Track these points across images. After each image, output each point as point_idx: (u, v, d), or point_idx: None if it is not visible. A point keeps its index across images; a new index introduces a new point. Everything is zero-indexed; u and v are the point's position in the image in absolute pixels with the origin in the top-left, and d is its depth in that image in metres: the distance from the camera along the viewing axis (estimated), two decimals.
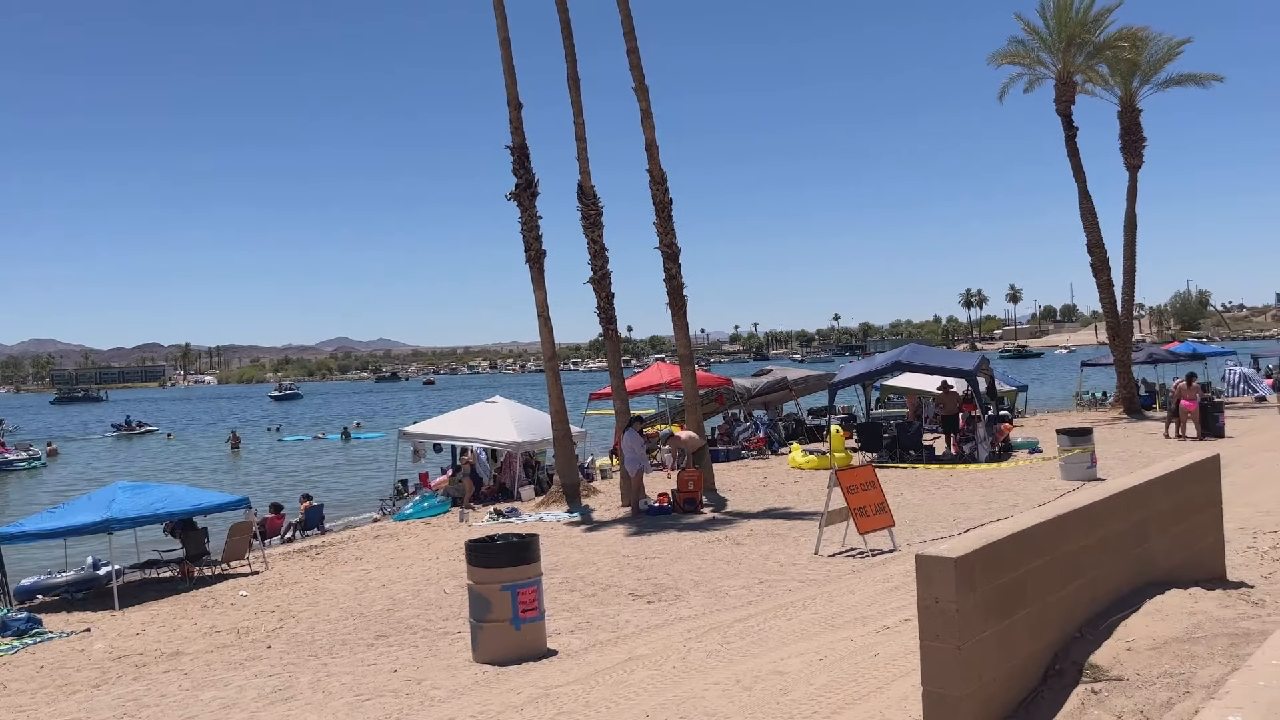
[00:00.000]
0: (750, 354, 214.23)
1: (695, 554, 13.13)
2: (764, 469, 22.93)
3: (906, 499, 16.43)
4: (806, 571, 11.47)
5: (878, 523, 12.36)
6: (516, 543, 8.59)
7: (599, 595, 11.02)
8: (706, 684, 7.12)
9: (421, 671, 8.30)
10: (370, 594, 12.38)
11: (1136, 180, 32.85)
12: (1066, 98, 31.20)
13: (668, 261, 18.93)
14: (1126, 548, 6.78)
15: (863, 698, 6.51)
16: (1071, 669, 5.80)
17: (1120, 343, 32.47)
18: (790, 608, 9.60)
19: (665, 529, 15.42)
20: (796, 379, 30.61)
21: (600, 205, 18.82)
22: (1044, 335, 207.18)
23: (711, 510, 17.12)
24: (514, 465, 21.75)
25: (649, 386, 27.45)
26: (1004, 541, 5.47)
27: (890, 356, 25.48)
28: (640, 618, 9.74)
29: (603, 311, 18.90)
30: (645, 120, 18.55)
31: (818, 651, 7.79)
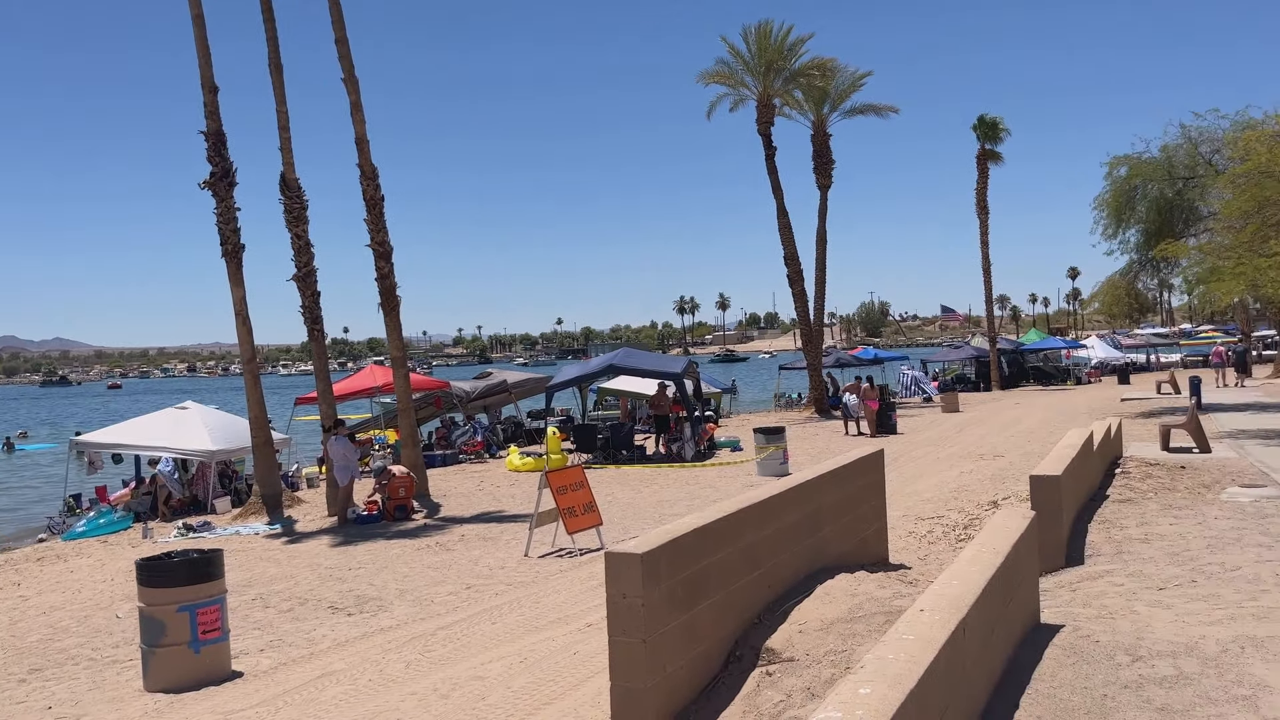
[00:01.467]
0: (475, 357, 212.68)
1: (402, 562, 12.78)
2: (481, 473, 22.78)
3: (617, 498, 16.91)
4: (515, 574, 11.47)
5: (586, 522, 12.60)
6: (196, 558, 7.93)
7: (295, 610, 10.43)
8: (403, 695, 6.91)
9: (81, 707, 7.46)
10: (26, 623, 10.99)
11: (827, 199, 35.87)
12: (766, 119, 33.50)
13: (379, 260, 18.33)
14: (801, 537, 7.32)
15: (559, 696, 6.58)
16: (750, 654, 6.17)
17: (812, 348, 35.29)
18: (496, 611, 9.55)
19: (374, 538, 14.90)
20: (516, 382, 30.67)
21: (305, 199, 17.88)
22: (750, 341, 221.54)
23: (424, 516, 16.75)
24: (208, 475, 20.17)
25: (362, 390, 26.47)
26: (688, 536, 5.72)
27: (604, 360, 26.18)
28: (338, 631, 9.32)
29: (308, 311, 17.96)
30: (355, 113, 17.86)
31: (519, 654, 7.79)
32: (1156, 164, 26.53)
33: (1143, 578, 7.29)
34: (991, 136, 44.62)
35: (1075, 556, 8.53)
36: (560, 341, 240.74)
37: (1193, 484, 11.89)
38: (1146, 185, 26.76)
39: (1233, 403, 26.72)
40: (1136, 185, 26.87)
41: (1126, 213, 27.09)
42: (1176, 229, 26.23)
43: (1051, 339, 58.66)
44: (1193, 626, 5.66)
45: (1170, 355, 58.84)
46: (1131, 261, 28.88)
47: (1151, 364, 54.85)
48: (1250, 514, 9.66)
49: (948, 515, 12.68)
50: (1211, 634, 5.43)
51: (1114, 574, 7.55)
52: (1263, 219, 18.45)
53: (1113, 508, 10.61)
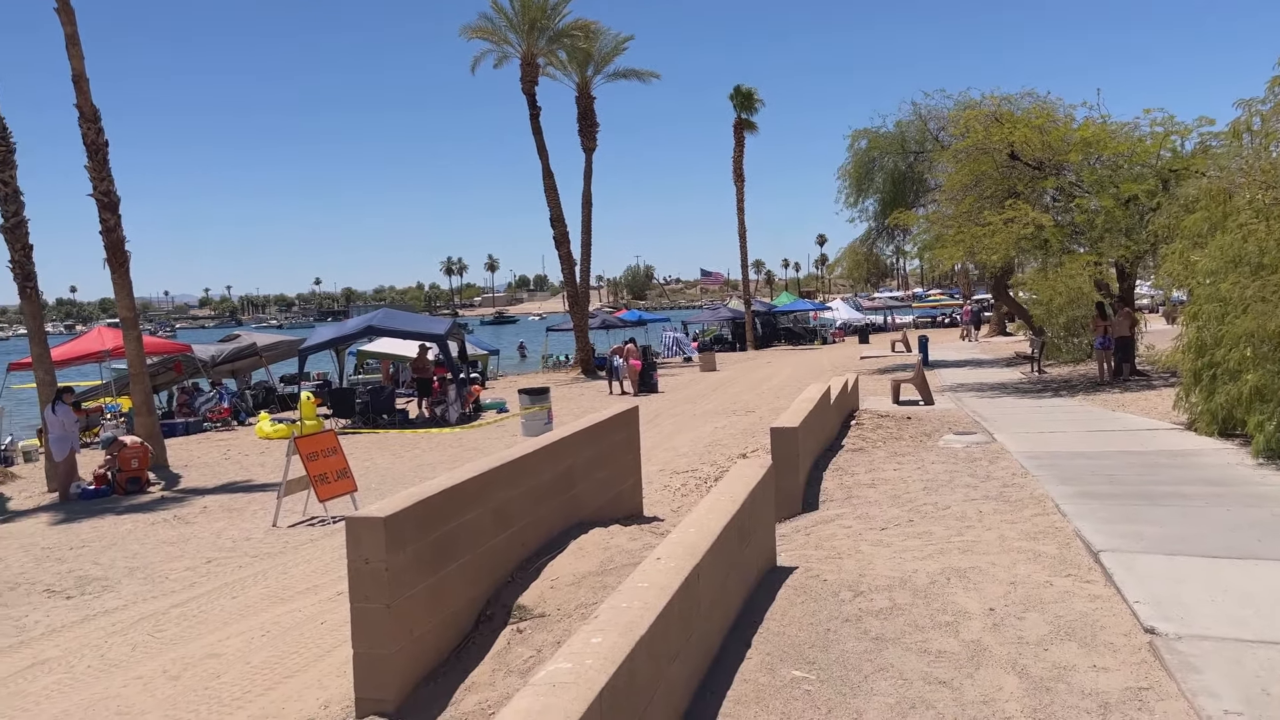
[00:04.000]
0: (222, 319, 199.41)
1: (134, 538, 11.81)
2: (228, 441, 21.45)
3: (375, 463, 16.42)
4: (262, 545, 10.89)
5: (339, 489, 12.13)
6: None
7: (4, 597, 9.40)
8: (125, 680, 6.40)
9: None
10: None
11: (591, 162, 36.11)
12: (530, 78, 33.20)
13: (104, 211, 16.68)
14: (555, 494, 7.37)
15: (303, 668, 6.31)
16: (501, 612, 6.15)
17: (579, 310, 35.62)
18: (238, 585, 9.03)
19: (101, 513, 13.67)
20: (267, 345, 29.01)
21: (13, 142, 15.94)
22: (520, 303, 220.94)
23: (161, 489, 15.55)
24: None
25: (89, 354, 24.14)
26: (436, 497, 5.60)
27: (362, 321, 25.23)
28: (54, 616, 8.49)
29: (18, 266, 16.09)
30: (71, 47, 16.05)
31: (262, 628, 7.41)
32: (892, 138, 28.58)
33: (868, 520, 7.89)
34: (747, 106, 46.47)
35: (811, 502, 9.11)
36: (319, 303, 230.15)
37: (916, 433, 12.99)
38: (883, 158, 28.80)
39: (955, 359, 29.44)
40: (875, 157, 28.86)
41: (866, 183, 29.06)
42: (909, 199, 28.46)
43: (801, 302, 62.34)
44: (908, 562, 6.17)
45: (905, 317, 64.07)
46: (870, 229, 31.08)
47: (888, 325, 59.50)
48: (962, 458, 10.67)
49: (701, 468, 13.20)
50: (923, 568, 5.94)
51: (844, 517, 8.13)
52: (979, 191, 20.31)
53: (846, 456, 11.42)
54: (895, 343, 36.77)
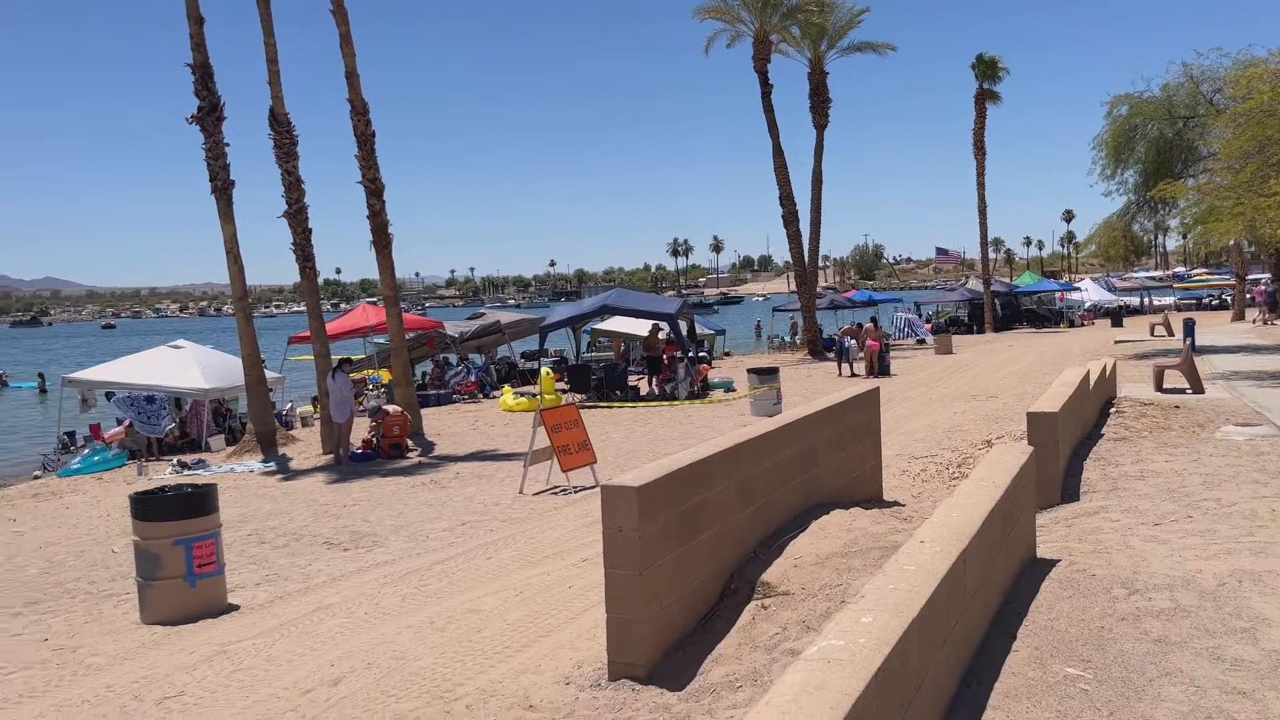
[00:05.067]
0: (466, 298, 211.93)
1: (398, 499, 12.80)
2: (475, 412, 22.78)
3: (610, 437, 16.92)
4: (510, 511, 11.50)
5: (580, 460, 12.60)
6: (190, 493, 7.90)
7: (290, 546, 10.45)
8: (399, 628, 6.94)
9: (78, 638, 7.48)
10: (23, 558, 11.00)
11: (823, 139, 35.44)
12: (763, 56, 32.94)
13: (371, 197, 18.08)
14: (796, 473, 7.30)
15: (555, 629, 6.60)
16: (745, 587, 6.17)
17: (807, 290, 35.15)
18: (491, 547, 9.58)
19: (368, 475, 14.91)
20: (509, 323, 30.59)
21: (295, 134, 17.57)
22: (743, 284, 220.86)
23: (418, 454, 16.76)
24: (201, 414, 20.15)
25: (354, 329, 26.34)
26: (683, 470, 5.68)
27: (597, 300, 26.05)
28: (333, 566, 9.34)
29: (299, 249, 17.75)
30: (344, 45, 17.47)
31: (514, 588, 7.82)
32: (1157, 103, 26.20)
33: (1138, 513, 7.30)
34: (990, 76, 44.02)
35: (1071, 493, 8.55)
36: (553, 283, 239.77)
37: (1187, 423, 11.90)
38: (1146, 124, 26.46)
39: (1226, 345, 26.75)
40: (1136, 125, 26.56)
41: (1125, 153, 26.82)
42: (1175, 169, 26.01)
43: (1045, 281, 58.54)
44: (1189, 561, 5.66)
45: (1164, 298, 58.80)
46: (1129, 203, 28.67)
47: (1145, 307, 54.85)
48: (1246, 452, 9.68)
49: (941, 454, 12.71)
50: (1209, 568, 5.43)
51: (1110, 510, 7.57)
52: (1263, 159, 18.25)
53: (1108, 446, 10.63)
54: (1155, 326, 33.87)
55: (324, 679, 5.95)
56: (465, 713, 5.19)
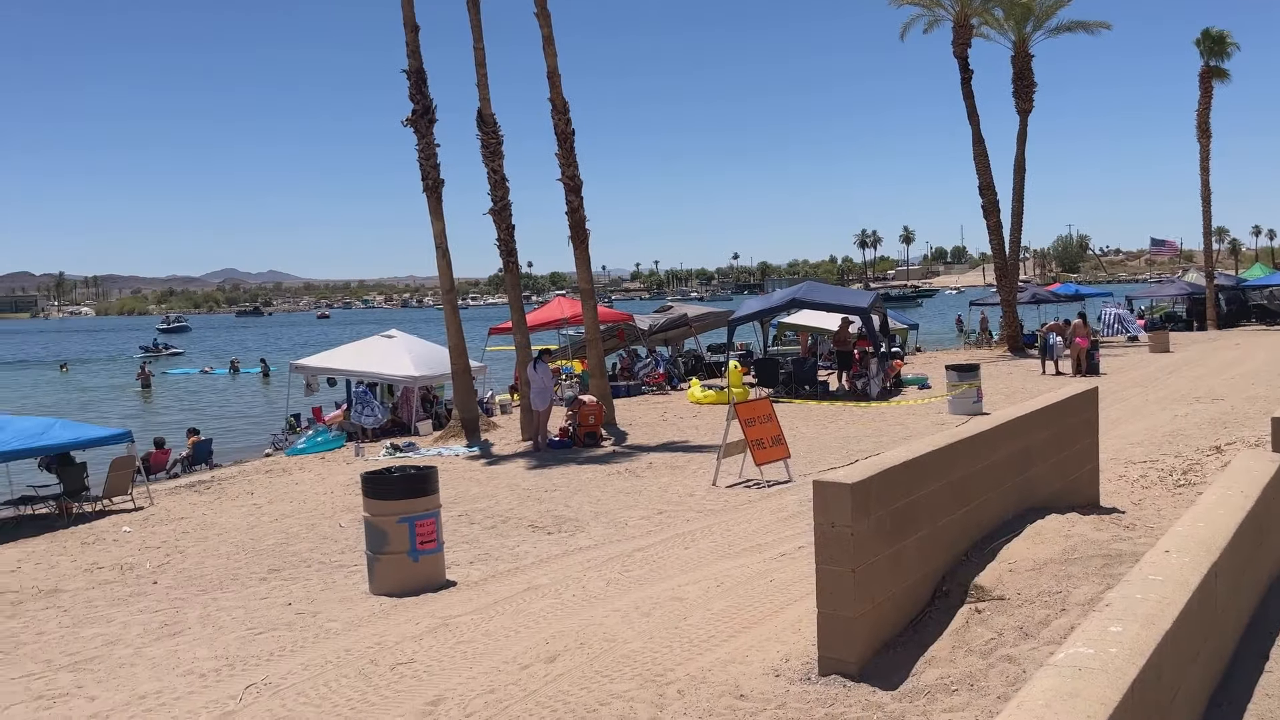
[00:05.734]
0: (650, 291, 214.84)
1: (595, 486, 13.19)
2: (664, 404, 23.11)
3: (801, 432, 16.79)
4: (704, 502, 11.64)
5: (774, 454, 12.60)
6: (414, 474, 8.46)
7: (498, 527, 10.98)
8: (606, 611, 7.18)
9: (316, 604, 8.16)
10: (262, 528, 12.08)
11: (1026, 125, 33.74)
12: (963, 40, 31.70)
13: (570, 194, 18.66)
14: (1010, 475, 7.05)
15: (759, 621, 6.66)
16: (958, 590, 6.03)
17: (1007, 283, 33.62)
18: (688, 537, 9.74)
19: (566, 462, 15.44)
20: (696, 316, 30.79)
21: (500, 134, 18.35)
22: (935, 276, 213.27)
23: (612, 444, 17.20)
24: (411, 399, 21.39)
25: (550, 321, 27.25)
26: (898, 468, 5.61)
27: (787, 294, 25.84)
28: (540, 548, 9.75)
29: (503, 244, 18.55)
30: (547, 47, 18.09)
31: (715, 578, 7.93)
32: None
33: None
34: (1218, 52, 40.56)
35: None
36: (736, 276, 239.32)
37: None
38: None
39: None
40: None
41: None
42: None
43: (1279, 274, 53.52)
44: None
45: None
46: None
47: None
48: None
49: (1162, 460, 11.91)
50: None
51: None
52: None
53: None
54: None
55: (540, 655, 6.25)
56: (677, 697, 5.33)
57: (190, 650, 7.12)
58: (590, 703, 5.34)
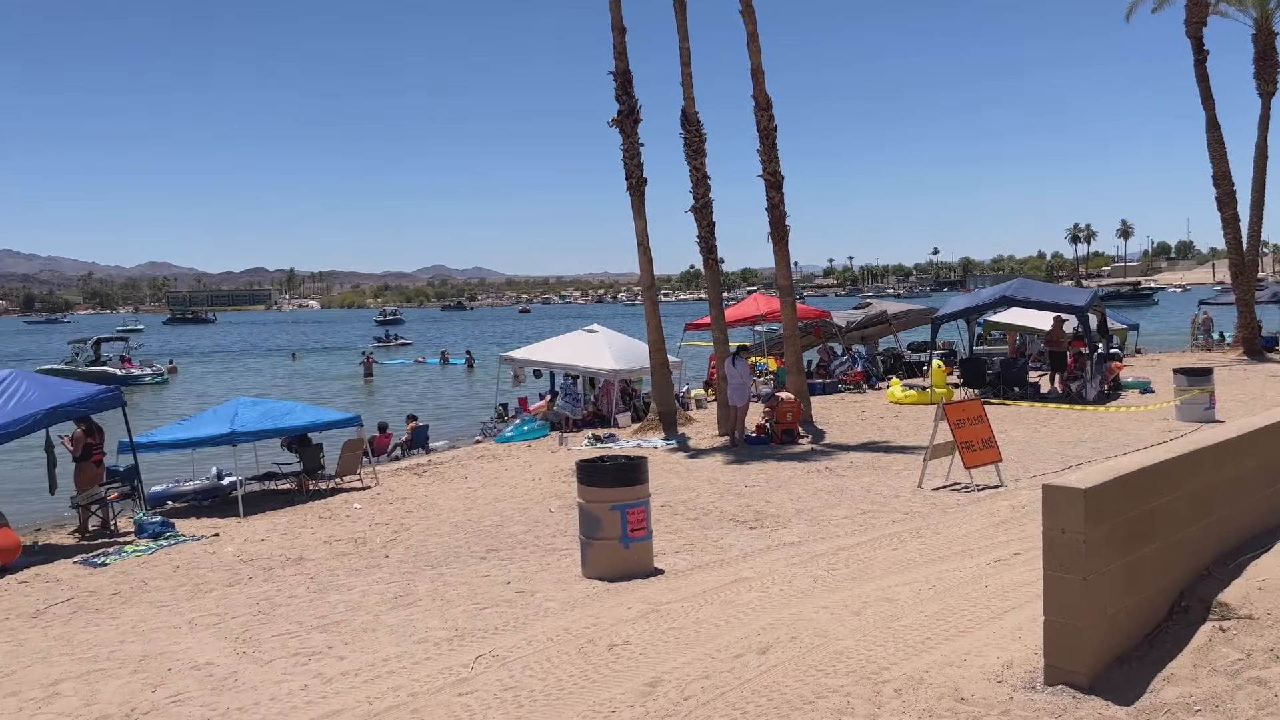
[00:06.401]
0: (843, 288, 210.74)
1: (795, 483, 13.17)
2: (861, 403, 22.72)
3: (1011, 436, 16.12)
4: (910, 504, 11.41)
5: (984, 458, 12.18)
6: (625, 464, 8.75)
7: (701, 520, 11.17)
8: (815, 607, 7.20)
9: (534, 584, 8.59)
10: (478, 510, 12.78)
11: (1269, 108, 30.87)
12: (1198, 19, 29.35)
13: (770, 190, 18.65)
14: (1260, 487, 6.57)
15: (975, 626, 6.50)
16: (1199, 606, 5.69)
17: (1243, 281, 30.93)
18: (895, 538, 9.59)
19: (764, 459, 15.48)
20: (896, 313, 30.06)
21: (704, 132, 18.57)
22: (1157, 273, 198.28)
23: (810, 442, 17.09)
24: (611, 392, 22.01)
25: (746, 318, 27.31)
26: (1134, 475, 5.35)
27: (997, 291, 24.79)
28: (744, 542, 9.86)
29: (703, 241, 18.77)
30: (751, 44, 18.14)
31: (926, 581, 7.78)
32: None
33: None
34: None
35: None
36: (936, 272, 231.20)
37: None
38: None
39: None
40: None
41: None
42: None
43: None
44: None
45: None
46: None
47: None
48: None
49: None
50: None
51: None
52: None
53: None
54: None
55: (752, 646, 6.35)
56: (894, 695, 5.30)
57: (423, 620, 7.67)
58: (806, 695, 5.40)
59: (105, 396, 13.47)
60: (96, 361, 45.29)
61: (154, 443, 14.75)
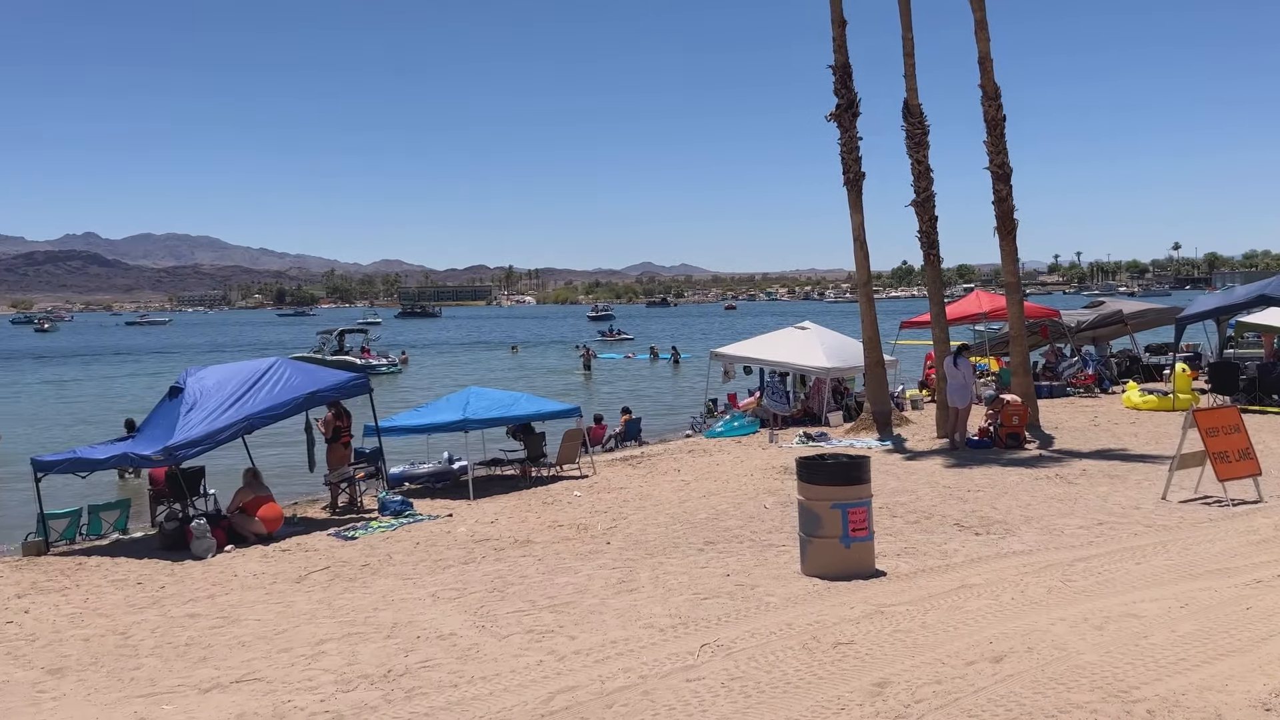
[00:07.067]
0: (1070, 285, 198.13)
1: (1023, 490, 12.58)
2: (1093, 407, 21.37)
3: (1270, 447, 14.73)
4: (1153, 516, 10.65)
5: (1241, 470, 11.19)
6: (848, 463, 8.66)
7: (921, 523, 10.88)
8: (1050, 619, 6.87)
9: (753, 578, 8.65)
10: (693, 503, 12.99)
11: None
12: None
13: (998, 183, 17.84)
14: None
15: (1237, 650, 6.01)
16: None
17: None
18: (1138, 551, 8.98)
19: (987, 463, 14.87)
20: (1133, 312, 28.01)
21: (926, 124, 18.02)
22: None
23: (1037, 447, 16.26)
24: (822, 390, 21.74)
25: (967, 316, 26.26)
26: None
27: (1254, 289, 22.60)
28: (968, 548, 9.53)
29: (924, 235, 18.21)
30: (979, 31, 17.41)
31: (1176, 598, 7.26)
32: None
33: None
34: None
35: None
36: (1176, 269, 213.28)
37: None
38: None
39: None
40: None
41: None
42: None
43: None
44: None
45: None
46: None
47: None
48: None
49: None
50: None
51: None
52: None
53: None
54: None
55: (985, 654, 6.15)
56: (1147, 716, 5.00)
57: (647, 606, 7.90)
58: (1047, 708, 5.17)
59: (356, 383, 14.64)
60: (340, 351, 49.20)
61: (395, 427, 15.88)
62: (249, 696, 6.27)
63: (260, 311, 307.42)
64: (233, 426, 12.62)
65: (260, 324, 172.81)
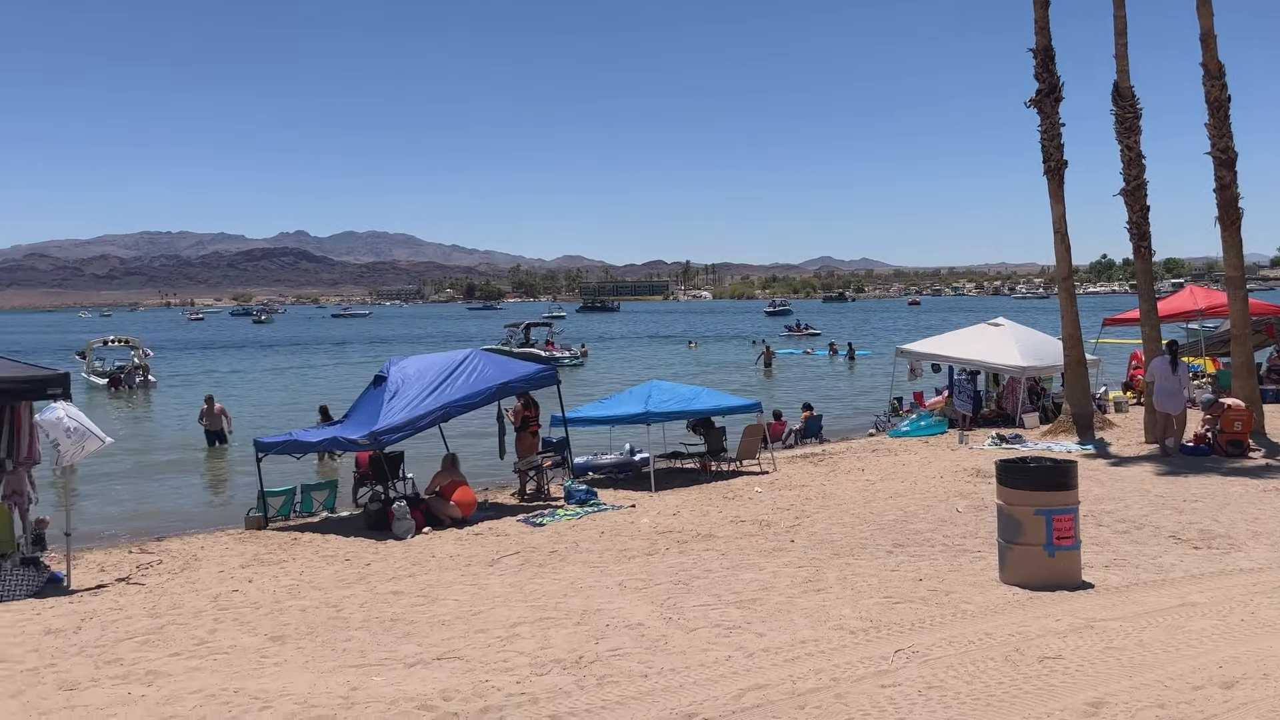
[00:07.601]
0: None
1: (1248, 502, 11.55)
2: None
3: None
4: None
5: None
6: (1052, 467, 8.18)
7: (1131, 533, 10.17)
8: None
9: (947, 584, 8.31)
10: (879, 504, 12.64)
11: None
12: None
13: (1220, 169, 16.43)
14: None
15: None
16: None
17: None
18: None
19: (1204, 472, 13.75)
20: None
21: (1139, 107, 16.81)
22: None
23: (1263, 455, 14.91)
24: (1017, 390, 20.71)
25: (1179, 313, 24.40)
26: None
27: None
28: (1187, 563, 8.82)
29: (1135, 227, 17.00)
30: (1202, 6, 16.08)
31: None
32: None
33: None
34: None
35: None
36: None
37: None
38: None
39: None
40: None
41: None
42: None
43: None
44: None
45: None
46: None
47: None
48: None
49: None
50: None
51: None
52: None
53: None
54: None
55: (1213, 679, 5.66)
56: None
57: (836, 607, 7.73)
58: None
59: (545, 375, 15.07)
60: (526, 344, 50.93)
61: (580, 418, 16.26)
62: (450, 674, 6.54)
63: (451, 305, 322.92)
64: (432, 414, 13.23)
65: (452, 317, 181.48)
